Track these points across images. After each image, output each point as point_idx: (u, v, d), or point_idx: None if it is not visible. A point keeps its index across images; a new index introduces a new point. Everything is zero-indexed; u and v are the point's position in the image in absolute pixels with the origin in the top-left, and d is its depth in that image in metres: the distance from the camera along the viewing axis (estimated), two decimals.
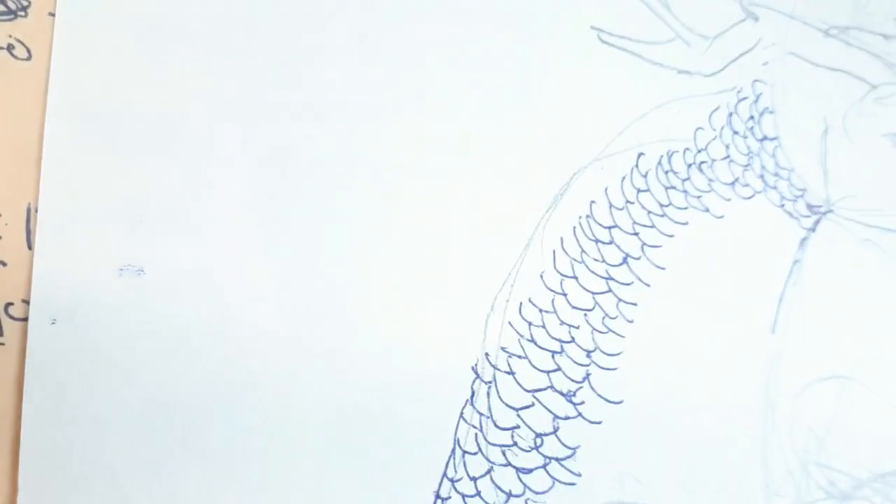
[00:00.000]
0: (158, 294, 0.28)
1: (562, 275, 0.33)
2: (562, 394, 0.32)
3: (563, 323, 0.33)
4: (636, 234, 0.36)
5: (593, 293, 0.34)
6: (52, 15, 0.30)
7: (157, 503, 0.27)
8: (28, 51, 0.30)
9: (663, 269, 0.35)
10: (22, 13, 0.30)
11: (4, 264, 0.28)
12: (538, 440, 0.31)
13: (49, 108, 0.29)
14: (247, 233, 0.30)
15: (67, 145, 0.29)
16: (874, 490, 0.35)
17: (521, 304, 0.32)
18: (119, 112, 0.30)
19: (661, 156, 0.36)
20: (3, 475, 0.27)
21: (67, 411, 0.27)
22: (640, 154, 0.36)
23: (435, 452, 0.29)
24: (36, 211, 0.29)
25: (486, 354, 0.31)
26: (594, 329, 0.33)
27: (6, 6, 0.29)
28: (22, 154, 0.29)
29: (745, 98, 0.39)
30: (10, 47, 0.29)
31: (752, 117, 0.39)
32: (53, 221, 0.29)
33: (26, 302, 0.28)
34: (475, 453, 0.29)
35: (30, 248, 0.29)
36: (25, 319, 0.28)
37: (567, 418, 0.32)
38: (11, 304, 0.28)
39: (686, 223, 0.37)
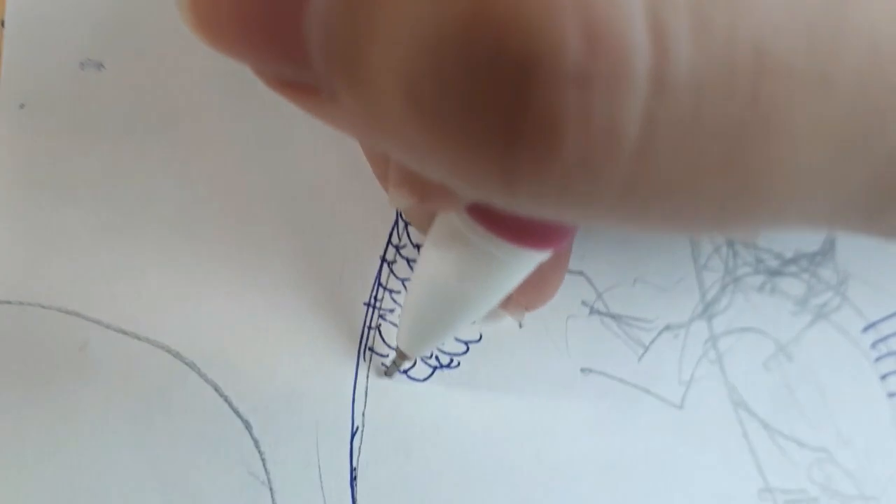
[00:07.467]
0: (115, 85, 0.31)
1: None
2: None
3: None
4: None
5: None
6: None
7: (117, 250, 0.30)
8: None
9: None
10: None
11: None
12: None
13: None
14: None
15: None
16: (800, 267, 0.37)
17: None
18: None
19: None
20: None
21: (33, 182, 0.30)
22: None
23: (380, 224, 0.32)
24: (2, 24, 0.32)
25: None
26: None
27: None
28: None
29: None
30: None
31: None
32: (19, 29, 0.31)
33: None
34: None
35: None
36: None
37: None
38: None
39: None
